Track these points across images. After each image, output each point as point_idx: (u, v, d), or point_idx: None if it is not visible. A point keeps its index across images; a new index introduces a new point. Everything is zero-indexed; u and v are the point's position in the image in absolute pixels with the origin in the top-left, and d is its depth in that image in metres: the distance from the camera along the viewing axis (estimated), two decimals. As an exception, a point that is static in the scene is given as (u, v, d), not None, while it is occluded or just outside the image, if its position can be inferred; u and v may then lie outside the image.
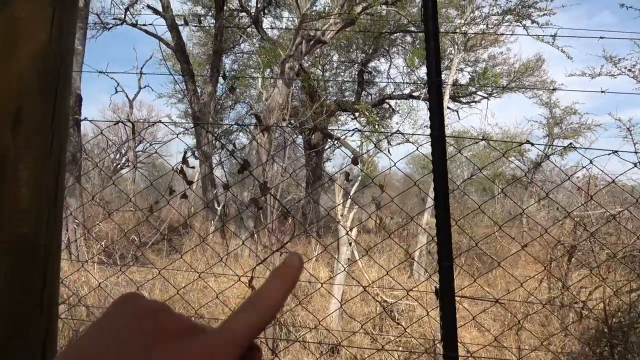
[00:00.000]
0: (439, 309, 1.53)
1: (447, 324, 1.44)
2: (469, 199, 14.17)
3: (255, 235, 7.29)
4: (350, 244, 5.39)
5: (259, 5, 10.72)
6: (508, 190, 13.11)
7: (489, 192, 18.63)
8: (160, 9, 10.00)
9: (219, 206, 9.18)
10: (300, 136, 14.26)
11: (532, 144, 1.71)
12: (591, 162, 1.56)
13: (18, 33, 0.56)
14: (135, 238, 6.85)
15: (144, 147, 17.97)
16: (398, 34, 12.48)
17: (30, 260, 0.59)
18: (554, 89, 13.36)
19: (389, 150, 3.04)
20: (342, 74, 14.24)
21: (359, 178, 8.37)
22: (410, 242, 10.96)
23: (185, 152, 1.59)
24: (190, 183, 1.52)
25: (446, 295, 1.43)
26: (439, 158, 1.39)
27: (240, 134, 14.78)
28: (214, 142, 10.46)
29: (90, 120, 1.82)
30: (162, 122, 1.85)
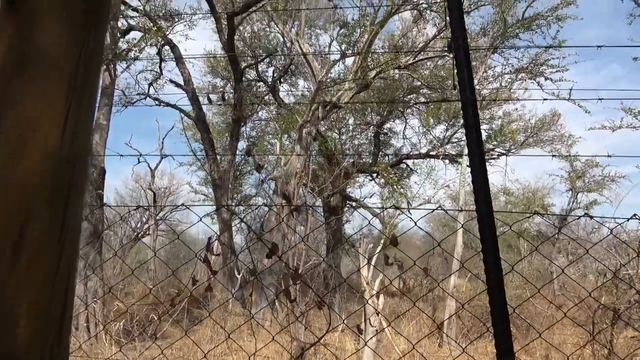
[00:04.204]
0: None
1: None
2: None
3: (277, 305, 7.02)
4: (377, 313, 5.13)
5: (275, 75, 11.09)
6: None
7: (514, 249, 17.96)
8: (182, 82, 10.41)
9: (238, 274, 8.99)
10: (319, 199, 14.21)
11: (542, 215, 1.57)
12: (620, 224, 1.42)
13: (27, 135, 0.48)
14: (155, 317, 6.70)
15: (164, 215, 18.09)
16: (411, 95, 12.69)
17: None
18: (572, 143, 13.21)
19: (409, 211, 2.92)
20: (359, 136, 14.40)
21: (381, 241, 8.16)
22: (437, 306, 10.45)
23: (210, 239, 1.50)
24: (215, 273, 1.42)
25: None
26: (485, 210, 1.26)
27: (259, 198, 14.80)
28: (234, 215, 10.43)
29: (110, 206, 1.76)
30: (185, 206, 1.77)
